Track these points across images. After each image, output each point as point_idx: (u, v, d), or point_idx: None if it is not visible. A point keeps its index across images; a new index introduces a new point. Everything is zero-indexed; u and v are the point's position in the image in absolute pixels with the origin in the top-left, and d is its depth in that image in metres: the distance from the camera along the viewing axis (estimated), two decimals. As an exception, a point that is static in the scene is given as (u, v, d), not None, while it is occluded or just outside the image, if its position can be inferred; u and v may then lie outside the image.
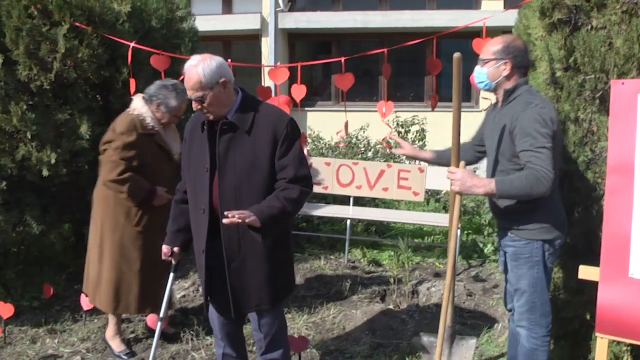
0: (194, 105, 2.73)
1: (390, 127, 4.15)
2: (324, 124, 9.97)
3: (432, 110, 3.90)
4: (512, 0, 10.98)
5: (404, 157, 8.34)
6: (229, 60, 3.99)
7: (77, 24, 4.20)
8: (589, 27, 3.40)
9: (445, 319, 3.24)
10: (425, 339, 3.86)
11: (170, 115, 3.76)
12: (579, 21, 3.43)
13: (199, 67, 2.69)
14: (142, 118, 3.70)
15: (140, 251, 3.77)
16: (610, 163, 2.80)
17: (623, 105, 2.79)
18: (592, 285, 2.86)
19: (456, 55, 3.03)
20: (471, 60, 3.61)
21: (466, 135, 9.07)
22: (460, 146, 3.32)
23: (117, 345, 3.96)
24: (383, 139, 4.59)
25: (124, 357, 3.90)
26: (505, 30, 4.30)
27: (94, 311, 4.17)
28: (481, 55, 3.07)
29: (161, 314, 3.37)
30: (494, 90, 3.09)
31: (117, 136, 3.62)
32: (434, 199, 7.62)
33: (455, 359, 3.65)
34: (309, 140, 8.78)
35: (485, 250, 5.98)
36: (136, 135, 3.64)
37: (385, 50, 3.65)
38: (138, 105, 3.74)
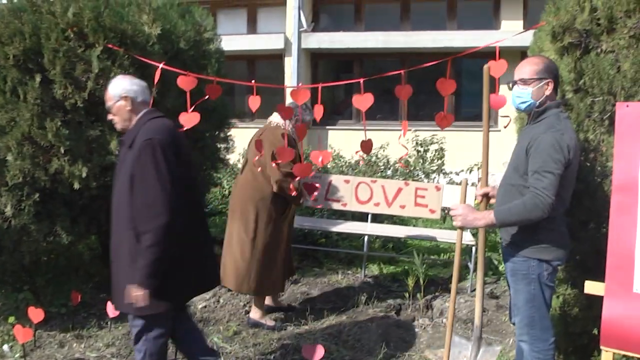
0: (108, 115, 3.13)
1: (405, 147, 4.27)
2: (344, 142, 10.16)
3: (443, 129, 3.98)
4: (531, 20, 11.18)
5: (422, 175, 8.49)
6: (253, 80, 4.19)
7: (110, 45, 4.41)
8: (599, 50, 3.51)
9: (450, 327, 3.35)
10: (457, 339, 3.88)
11: (304, 128, 4.23)
12: (589, 45, 3.55)
13: (113, 82, 3.11)
14: (290, 133, 4.42)
15: (283, 241, 4.56)
16: (615, 183, 2.91)
17: (628, 127, 2.91)
18: (601, 301, 2.95)
19: (485, 66, 3.27)
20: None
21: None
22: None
23: (268, 321, 4.63)
24: (400, 159, 4.71)
25: (277, 328, 4.55)
26: (524, 51, 4.44)
27: (120, 318, 4.33)
28: (521, 76, 3.09)
29: None
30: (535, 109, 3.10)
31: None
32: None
33: None
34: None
35: (500, 268, 6.06)
36: (294, 145, 4.38)
37: (402, 71, 3.78)
38: (281, 122, 4.49)
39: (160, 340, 3.10)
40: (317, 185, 4.77)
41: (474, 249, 5.68)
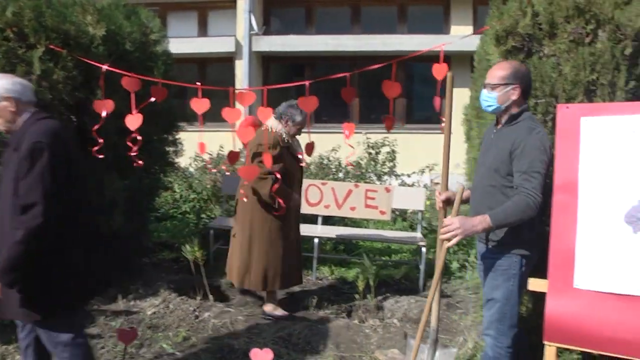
0: None
1: (352, 147, 4.30)
2: (296, 144, 10.14)
3: (390, 132, 4.02)
4: (481, 25, 11.35)
5: (374, 177, 8.56)
6: (199, 82, 4.15)
7: (52, 46, 4.31)
8: (541, 54, 3.61)
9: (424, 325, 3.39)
10: (412, 342, 3.87)
11: (296, 129, 4.69)
12: (532, 49, 3.64)
13: None
14: (280, 134, 4.59)
15: (283, 239, 4.70)
16: (556, 182, 2.99)
17: (567, 128, 2.99)
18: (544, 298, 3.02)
19: (449, 73, 3.34)
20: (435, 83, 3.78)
21: (435, 156, 9.27)
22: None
23: (279, 312, 4.85)
24: (347, 158, 4.78)
25: (289, 317, 4.80)
26: (473, 56, 4.52)
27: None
28: (488, 80, 3.20)
29: None
30: (501, 112, 3.22)
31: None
32: (401, 218, 7.79)
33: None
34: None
35: (451, 268, 6.15)
36: (279, 148, 4.52)
37: (348, 74, 3.80)
38: (274, 124, 4.61)
39: (75, 347, 3.03)
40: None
41: (423, 249, 5.74)
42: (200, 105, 4.01)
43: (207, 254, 5.72)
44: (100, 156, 4.20)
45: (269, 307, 4.89)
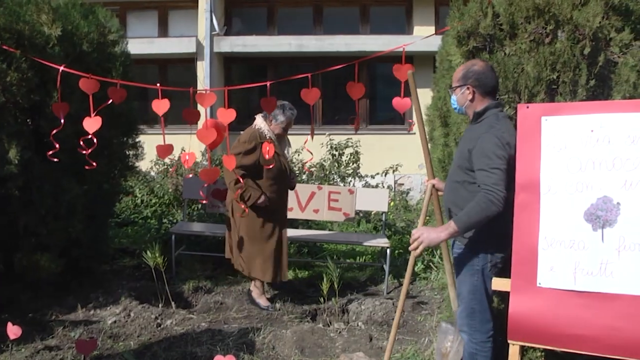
0: None
1: (310, 152, 4.28)
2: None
3: (356, 133, 4.00)
4: (443, 26, 11.41)
5: (338, 179, 8.53)
6: (158, 83, 4.07)
7: (5, 47, 4.17)
8: (503, 54, 3.62)
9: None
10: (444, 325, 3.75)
11: (279, 128, 4.95)
12: (493, 49, 3.64)
13: None
14: (261, 131, 4.87)
15: (271, 235, 4.97)
16: (518, 181, 2.99)
17: (528, 127, 3.00)
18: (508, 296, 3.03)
19: (410, 71, 3.38)
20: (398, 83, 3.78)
21: (399, 157, 9.31)
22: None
23: (263, 301, 5.13)
24: (304, 164, 4.79)
25: (270, 309, 5.05)
26: (435, 56, 4.53)
27: (22, 339, 4.07)
28: (452, 83, 3.30)
29: None
30: (466, 112, 3.30)
31: (240, 145, 4.85)
32: (365, 220, 7.78)
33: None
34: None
35: (416, 268, 6.15)
36: (255, 143, 4.79)
37: (309, 75, 3.76)
38: (259, 121, 4.96)
39: None
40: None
41: (388, 251, 5.73)
42: (160, 106, 3.93)
43: (169, 259, 5.60)
44: (55, 160, 4.08)
45: (254, 293, 5.18)
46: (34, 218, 4.66)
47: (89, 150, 3.91)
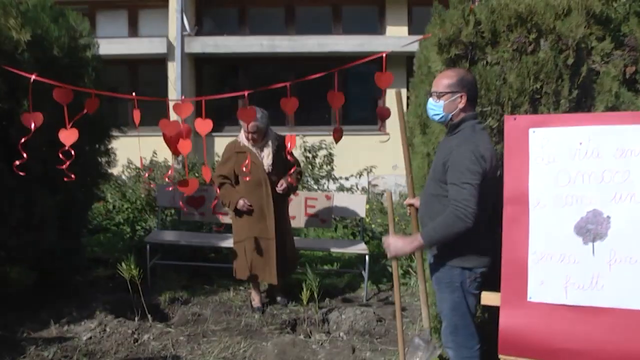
0: None
1: (293, 156, 4.21)
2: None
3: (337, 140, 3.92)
4: (416, 26, 11.47)
5: (312, 182, 8.46)
6: (134, 92, 3.93)
7: (-30, 53, 4.00)
8: (484, 62, 3.58)
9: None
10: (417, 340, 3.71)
11: (247, 135, 5.03)
12: (475, 57, 3.60)
13: None
14: (238, 141, 5.11)
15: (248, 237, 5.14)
16: (506, 194, 2.95)
17: (516, 139, 2.96)
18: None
19: (397, 90, 3.36)
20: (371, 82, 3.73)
21: (372, 158, 9.24)
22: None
23: (255, 302, 5.29)
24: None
25: (259, 310, 5.19)
26: (409, 56, 4.47)
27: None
28: (435, 88, 3.15)
29: None
30: (451, 120, 3.15)
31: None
32: (342, 226, 7.71)
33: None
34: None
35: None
36: (229, 154, 5.13)
37: (288, 84, 3.67)
38: (241, 131, 5.15)
39: None
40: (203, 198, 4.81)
41: (367, 257, 5.68)
42: (136, 115, 3.81)
43: (144, 269, 5.45)
44: (22, 173, 3.90)
45: (250, 293, 5.39)
46: (3, 230, 4.49)
47: (67, 163, 3.74)
